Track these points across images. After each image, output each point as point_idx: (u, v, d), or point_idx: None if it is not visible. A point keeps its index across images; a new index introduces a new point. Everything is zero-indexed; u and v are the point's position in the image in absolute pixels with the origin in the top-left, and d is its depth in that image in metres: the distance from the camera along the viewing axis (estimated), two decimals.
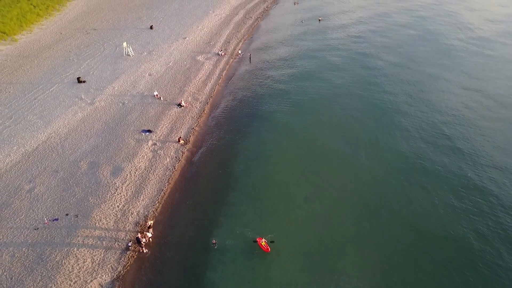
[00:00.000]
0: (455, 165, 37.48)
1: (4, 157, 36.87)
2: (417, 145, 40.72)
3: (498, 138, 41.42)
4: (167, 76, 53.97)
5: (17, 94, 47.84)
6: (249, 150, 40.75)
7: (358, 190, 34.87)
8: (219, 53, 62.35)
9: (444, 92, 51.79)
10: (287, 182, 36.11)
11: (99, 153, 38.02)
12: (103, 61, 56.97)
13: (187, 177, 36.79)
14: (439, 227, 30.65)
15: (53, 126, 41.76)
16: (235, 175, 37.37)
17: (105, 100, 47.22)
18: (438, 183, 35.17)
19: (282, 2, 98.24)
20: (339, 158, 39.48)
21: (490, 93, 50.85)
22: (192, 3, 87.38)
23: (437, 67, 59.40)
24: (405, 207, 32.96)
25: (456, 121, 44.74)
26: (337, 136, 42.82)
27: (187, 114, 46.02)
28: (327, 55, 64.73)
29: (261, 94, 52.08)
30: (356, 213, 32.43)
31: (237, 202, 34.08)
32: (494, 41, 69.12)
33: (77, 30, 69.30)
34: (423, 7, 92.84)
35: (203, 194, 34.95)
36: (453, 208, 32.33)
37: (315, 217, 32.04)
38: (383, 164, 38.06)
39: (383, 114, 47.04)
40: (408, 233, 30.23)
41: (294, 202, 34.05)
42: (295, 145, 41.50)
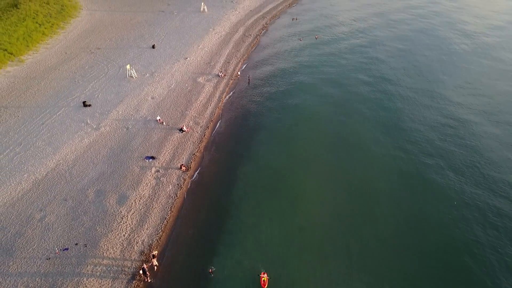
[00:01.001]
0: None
1: (16, 185, 38.96)
2: (414, 168, 43.01)
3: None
4: (169, 99, 56.14)
5: (26, 119, 49.92)
6: (248, 176, 42.97)
7: (352, 219, 37.07)
8: (219, 74, 64.55)
9: (443, 113, 54.12)
10: (283, 209, 38.32)
11: (105, 180, 40.15)
12: (107, 83, 59.09)
13: (188, 205, 39.00)
14: (438, 261, 32.92)
15: (61, 152, 43.87)
16: (234, 202, 39.61)
17: (110, 125, 49.34)
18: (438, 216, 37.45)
19: (281, 17, 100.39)
20: (334, 184, 41.73)
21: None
22: (192, 20, 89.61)
23: (434, 82, 61.89)
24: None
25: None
26: (334, 163, 45.07)
27: (189, 140, 48.18)
28: (325, 75, 67.34)
29: (259, 118, 54.28)
30: (349, 240, 34.62)
31: (236, 230, 36.32)
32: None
33: (81, 49, 71.41)
34: (423, 17, 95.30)
35: (204, 222, 37.17)
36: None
37: (309, 247, 34.22)
38: (378, 190, 40.33)
39: (383, 132, 49.90)
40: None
41: (289, 230, 36.30)
42: (291, 171, 43.67)
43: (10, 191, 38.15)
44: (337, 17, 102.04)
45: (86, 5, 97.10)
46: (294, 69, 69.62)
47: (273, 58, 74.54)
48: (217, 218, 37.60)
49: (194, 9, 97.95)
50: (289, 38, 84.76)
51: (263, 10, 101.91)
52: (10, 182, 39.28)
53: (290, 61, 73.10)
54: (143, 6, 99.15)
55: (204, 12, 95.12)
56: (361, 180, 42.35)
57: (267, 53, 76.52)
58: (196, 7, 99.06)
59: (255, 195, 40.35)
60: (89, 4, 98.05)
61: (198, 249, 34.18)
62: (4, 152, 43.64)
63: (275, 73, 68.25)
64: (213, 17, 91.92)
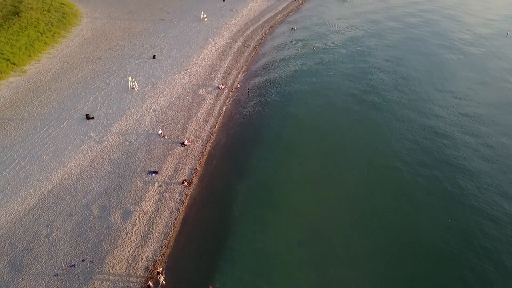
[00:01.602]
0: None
1: (22, 200, 39.98)
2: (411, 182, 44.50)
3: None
4: (170, 112, 57.30)
5: (30, 132, 50.89)
6: (247, 191, 44.25)
7: (351, 233, 38.46)
8: (219, 86, 65.80)
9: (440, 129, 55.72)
10: (282, 224, 39.64)
11: (109, 196, 41.26)
12: (109, 95, 60.14)
13: (190, 220, 40.18)
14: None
15: (65, 167, 44.91)
16: (234, 217, 40.88)
17: (113, 138, 50.43)
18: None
19: (280, 27, 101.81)
20: (333, 198, 43.11)
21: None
22: (192, 29, 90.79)
23: (436, 92, 63.49)
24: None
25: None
26: (331, 176, 46.47)
27: (190, 154, 49.39)
28: (322, 87, 69.00)
29: (258, 131, 55.61)
30: (348, 254, 36.03)
31: (236, 245, 37.61)
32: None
33: (83, 59, 72.40)
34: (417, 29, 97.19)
35: (206, 237, 38.39)
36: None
37: (308, 261, 35.58)
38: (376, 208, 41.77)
39: (382, 142, 52.46)
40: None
41: (288, 245, 37.61)
42: (289, 185, 45.01)
43: (17, 207, 39.14)
44: (334, 26, 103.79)
45: (87, 13, 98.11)
46: (292, 81, 71.02)
47: (271, 69, 75.87)
48: (219, 234, 38.80)
49: (194, 18, 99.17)
50: (287, 49, 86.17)
51: (262, 19, 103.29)
52: (17, 197, 40.26)
53: (288, 73, 74.49)
54: (143, 15, 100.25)
55: (204, 21, 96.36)
56: (360, 194, 43.76)
57: (265, 65, 77.84)
58: (195, 15, 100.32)
59: (254, 210, 41.61)
60: (90, 12, 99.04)
61: (200, 265, 35.36)
62: (10, 165, 44.58)
63: (273, 85, 69.59)
64: (213, 27, 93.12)
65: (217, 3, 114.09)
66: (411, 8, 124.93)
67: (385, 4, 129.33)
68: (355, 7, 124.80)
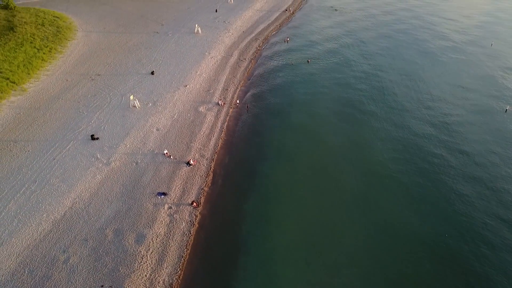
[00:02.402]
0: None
1: (36, 225, 40.93)
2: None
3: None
4: (173, 131, 58.63)
5: (36, 154, 51.64)
6: (254, 210, 46.06)
7: (360, 255, 40.53)
8: (218, 102, 67.37)
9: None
10: (289, 243, 41.51)
11: (122, 219, 42.51)
12: (112, 114, 61.13)
13: (202, 242, 41.73)
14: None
15: (76, 190, 45.93)
16: (243, 237, 42.64)
17: (120, 159, 51.56)
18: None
19: (273, 38, 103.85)
20: (339, 215, 45.17)
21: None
22: (188, 42, 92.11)
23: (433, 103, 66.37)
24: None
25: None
26: (335, 190, 48.64)
27: (196, 173, 50.88)
28: (317, 98, 72.28)
29: (260, 148, 57.48)
30: (354, 275, 38.10)
31: (247, 265, 39.39)
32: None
33: (81, 76, 73.07)
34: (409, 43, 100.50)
35: (217, 258, 40.04)
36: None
37: (316, 280, 37.50)
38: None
39: (383, 149, 54.94)
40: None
41: (297, 265, 39.48)
42: (294, 203, 46.93)
43: (32, 233, 40.09)
44: (326, 36, 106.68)
45: (81, 26, 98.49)
46: (288, 95, 73.23)
47: (268, 84, 77.80)
48: (230, 254, 40.46)
49: (188, 30, 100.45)
50: (282, 63, 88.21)
51: (255, 31, 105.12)
52: (31, 223, 41.18)
53: (284, 87, 76.63)
54: (137, 27, 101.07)
55: (198, 34, 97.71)
56: (369, 210, 45.83)
57: (262, 79, 79.71)
58: (189, 28, 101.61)
59: (262, 229, 43.41)
60: (83, 25, 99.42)
61: (213, 286, 36.90)
62: (21, 190, 45.38)
63: (271, 99, 71.57)
64: (208, 40, 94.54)
65: (210, 14, 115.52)
66: (398, 15, 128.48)
67: (372, 11, 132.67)
68: (343, 15, 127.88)
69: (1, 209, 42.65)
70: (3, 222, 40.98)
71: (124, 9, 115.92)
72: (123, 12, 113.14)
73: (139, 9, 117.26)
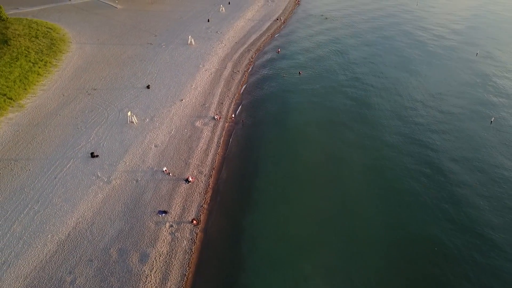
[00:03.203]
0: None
1: (42, 246, 42.06)
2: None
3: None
4: (171, 147, 60.05)
5: (37, 173, 52.63)
6: (253, 227, 47.72)
7: (359, 267, 42.57)
8: (214, 117, 68.98)
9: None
10: (288, 259, 43.29)
11: (125, 238, 43.86)
12: (110, 130, 62.28)
13: (203, 260, 43.30)
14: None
15: (78, 209, 47.13)
16: (244, 254, 44.29)
17: (120, 177, 52.83)
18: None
19: (265, 49, 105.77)
20: (335, 229, 47.12)
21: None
22: (182, 54, 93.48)
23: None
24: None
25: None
26: (330, 205, 50.61)
27: (195, 190, 52.43)
28: (310, 110, 74.42)
29: (256, 161, 59.21)
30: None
31: (249, 283, 41.03)
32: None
33: (78, 90, 74.01)
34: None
35: (219, 277, 41.70)
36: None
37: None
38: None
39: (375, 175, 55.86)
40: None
41: (296, 280, 41.27)
42: (291, 218, 48.75)
43: (38, 254, 41.23)
44: (317, 45, 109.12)
45: (74, 38, 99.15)
46: (282, 107, 75.19)
47: (262, 96, 79.70)
48: (231, 272, 42.13)
49: (181, 41, 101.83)
50: (274, 74, 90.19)
51: (247, 42, 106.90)
52: (36, 244, 42.31)
53: (277, 99, 78.60)
54: (131, 38, 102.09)
55: (192, 45, 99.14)
56: (363, 226, 47.82)
57: (256, 92, 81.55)
58: (183, 39, 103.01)
59: (262, 245, 45.13)
60: (77, 36, 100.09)
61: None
62: (24, 210, 46.43)
63: (265, 112, 73.46)
64: (201, 51, 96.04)
65: (202, 24, 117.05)
66: (387, 21, 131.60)
67: (361, 17, 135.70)
68: (333, 23, 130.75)
69: (6, 230, 43.57)
70: (9, 244, 42.00)
71: (116, 19, 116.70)
72: (116, 22, 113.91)
73: (132, 19, 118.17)
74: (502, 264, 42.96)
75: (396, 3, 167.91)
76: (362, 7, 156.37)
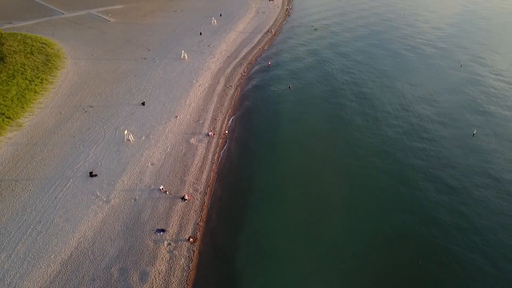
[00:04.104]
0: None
1: (46, 267, 44.07)
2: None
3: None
4: (167, 165, 62.31)
5: (38, 193, 54.54)
6: (247, 244, 50.17)
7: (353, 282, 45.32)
8: (208, 133, 71.40)
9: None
10: (282, 276, 45.82)
11: (125, 257, 46.04)
12: (107, 149, 64.34)
13: (200, 277, 45.66)
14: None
15: (80, 229, 49.18)
16: (239, 271, 46.74)
17: (119, 196, 54.97)
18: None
19: (257, 62, 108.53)
20: (331, 245, 49.74)
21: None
22: (175, 69, 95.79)
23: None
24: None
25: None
26: (321, 219, 53.28)
27: (191, 208, 54.79)
28: (300, 124, 77.40)
29: (250, 178, 61.66)
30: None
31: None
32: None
33: (74, 108, 75.91)
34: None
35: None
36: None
37: None
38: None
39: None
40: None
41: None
42: (286, 236, 51.33)
43: (42, 274, 43.24)
44: (308, 56, 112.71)
45: (69, 53, 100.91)
46: (273, 122, 77.93)
47: (254, 112, 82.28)
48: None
49: (175, 55, 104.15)
50: (265, 88, 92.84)
51: (239, 56, 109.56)
52: (40, 264, 44.30)
53: (269, 114, 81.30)
54: (124, 53, 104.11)
55: (185, 60, 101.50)
56: (361, 249, 50.49)
57: (248, 107, 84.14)
58: (175, 52, 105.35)
59: (256, 263, 47.59)
60: (71, 52, 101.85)
61: None
62: (27, 231, 48.36)
63: (257, 126, 76.13)
64: (194, 66, 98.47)
65: (194, 37, 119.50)
66: (374, 29, 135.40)
67: (350, 25, 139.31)
68: (323, 33, 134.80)
69: (10, 252, 45.49)
70: (14, 265, 43.96)
71: (110, 33, 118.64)
72: (109, 36, 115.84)
73: (125, 32, 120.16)
74: (482, 265, 46.08)
75: (383, 11, 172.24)
76: (349, 15, 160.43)
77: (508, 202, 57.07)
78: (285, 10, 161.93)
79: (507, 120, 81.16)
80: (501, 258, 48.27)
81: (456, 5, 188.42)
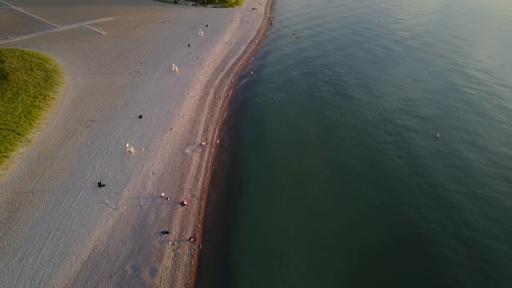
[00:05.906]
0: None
1: (69, 267, 51.79)
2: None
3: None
4: (166, 174, 70.28)
5: (54, 203, 61.91)
6: (240, 243, 58.44)
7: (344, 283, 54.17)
8: (201, 143, 79.53)
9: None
10: (277, 275, 54.23)
11: (136, 256, 54.04)
12: (111, 160, 71.89)
13: (201, 270, 53.97)
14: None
15: (95, 234, 56.89)
16: (234, 266, 54.96)
17: (126, 204, 62.77)
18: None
19: (242, 73, 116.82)
20: (321, 245, 58.47)
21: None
22: (167, 82, 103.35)
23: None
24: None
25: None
26: (313, 225, 61.96)
27: (190, 212, 63.00)
28: (282, 133, 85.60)
29: (241, 183, 69.89)
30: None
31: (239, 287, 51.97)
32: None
33: (77, 122, 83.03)
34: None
35: (214, 283, 52.43)
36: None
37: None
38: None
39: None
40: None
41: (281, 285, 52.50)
42: (277, 236, 59.92)
43: (67, 273, 50.92)
44: (289, 65, 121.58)
45: (66, 68, 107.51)
46: (259, 130, 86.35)
47: (241, 120, 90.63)
48: (225, 282, 52.75)
49: (166, 68, 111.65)
50: (250, 99, 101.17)
51: (226, 67, 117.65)
52: (64, 265, 51.98)
53: (255, 122, 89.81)
54: (119, 67, 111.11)
55: (176, 72, 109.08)
56: (353, 252, 59.31)
57: (235, 116, 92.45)
58: (166, 65, 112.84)
59: (248, 258, 55.94)
60: (68, 67, 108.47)
61: None
62: (49, 237, 55.87)
63: (245, 135, 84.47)
64: (185, 78, 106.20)
65: (183, 49, 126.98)
66: (353, 39, 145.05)
67: (331, 34, 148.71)
68: (304, 41, 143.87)
69: (37, 255, 53.00)
70: (42, 266, 51.53)
71: (103, 46, 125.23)
72: (102, 50, 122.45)
73: (117, 45, 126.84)
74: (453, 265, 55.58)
75: (360, 19, 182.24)
76: (328, 25, 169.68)
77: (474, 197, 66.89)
78: (268, 19, 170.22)
79: (469, 124, 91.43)
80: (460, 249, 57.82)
81: (425, 13, 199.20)
